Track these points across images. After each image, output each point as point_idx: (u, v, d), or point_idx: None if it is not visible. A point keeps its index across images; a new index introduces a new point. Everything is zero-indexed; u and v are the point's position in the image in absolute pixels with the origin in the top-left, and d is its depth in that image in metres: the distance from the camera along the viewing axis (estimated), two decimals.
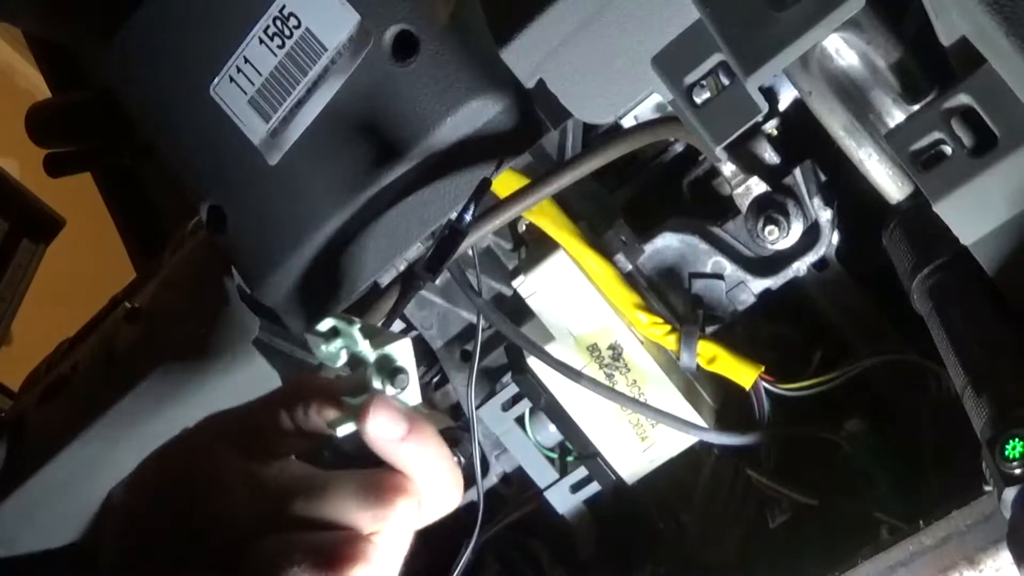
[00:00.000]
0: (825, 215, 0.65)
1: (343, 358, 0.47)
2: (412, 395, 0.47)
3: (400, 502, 0.45)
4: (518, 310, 0.68)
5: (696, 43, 0.49)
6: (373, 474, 0.46)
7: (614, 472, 0.70)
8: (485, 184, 0.58)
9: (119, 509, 0.50)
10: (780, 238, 0.65)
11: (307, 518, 0.44)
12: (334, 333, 0.47)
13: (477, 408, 0.70)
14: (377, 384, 0.46)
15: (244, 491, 0.45)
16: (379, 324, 0.63)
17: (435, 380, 0.78)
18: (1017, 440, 0.46)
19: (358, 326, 0.46)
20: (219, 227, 0.67)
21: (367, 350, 0.46)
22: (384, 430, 0.45)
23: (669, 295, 0.68)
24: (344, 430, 0.45)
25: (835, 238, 0.66)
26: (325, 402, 0.46)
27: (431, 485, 0.46)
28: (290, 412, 0.47)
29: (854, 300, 0.67)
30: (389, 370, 0.46)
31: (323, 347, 0.47)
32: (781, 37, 0.44)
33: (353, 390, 0.47)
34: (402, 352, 0.47)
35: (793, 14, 0.43)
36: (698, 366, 0.66)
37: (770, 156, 0.67)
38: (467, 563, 0.69)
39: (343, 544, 0.43)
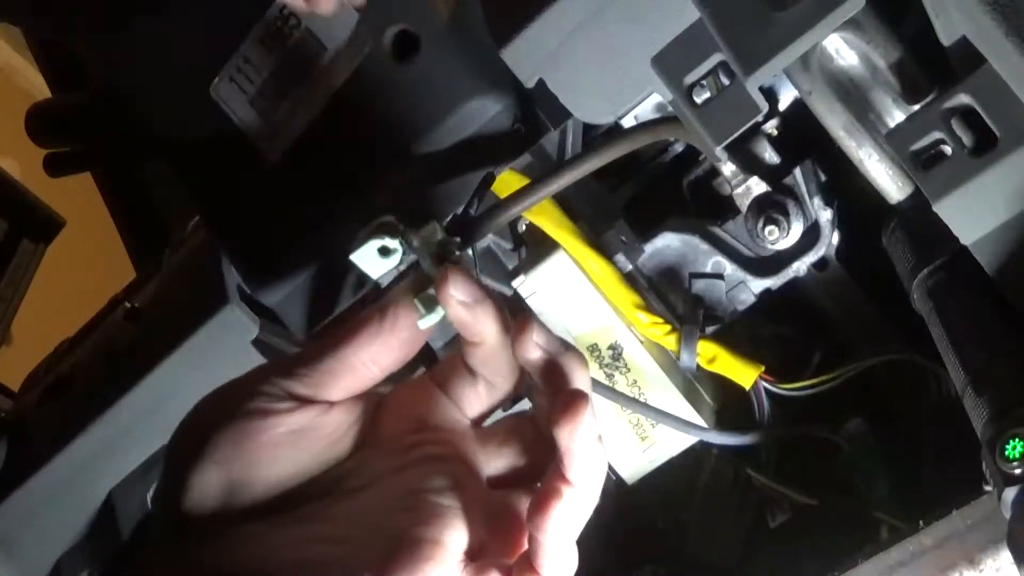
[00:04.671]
0: (825, 215, 0.65)
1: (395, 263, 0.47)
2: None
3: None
4: (518, 310, 0.68)
5: (696, 43, 0.49)
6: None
7: (614, 472, 0.70)
8: (488, 179, 0.58)
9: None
10: (780, 238, 0.65)
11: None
12: (384, 252, 0.46)
13: None
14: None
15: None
16: None
17: None
18: (1017, 440, 0.46)
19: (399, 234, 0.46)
20: None
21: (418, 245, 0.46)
22: (465, 292, 0.43)
23: (669, 295, 0.68)
24: (429, 320, 0.44)
25: (835, 238, 0.66)
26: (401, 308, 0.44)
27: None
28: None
29: (854, 300, 0.67)
30: (439, 251, 0.45)
31: (378, 264, 0.46)
32: (781, 37, 0.44)
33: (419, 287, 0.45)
34: (436, 230, 0.46)
35: (793, 14, 0.43)
36: (698, 366, 0.66)
37: (770, 156, 0.67)
38: None
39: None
